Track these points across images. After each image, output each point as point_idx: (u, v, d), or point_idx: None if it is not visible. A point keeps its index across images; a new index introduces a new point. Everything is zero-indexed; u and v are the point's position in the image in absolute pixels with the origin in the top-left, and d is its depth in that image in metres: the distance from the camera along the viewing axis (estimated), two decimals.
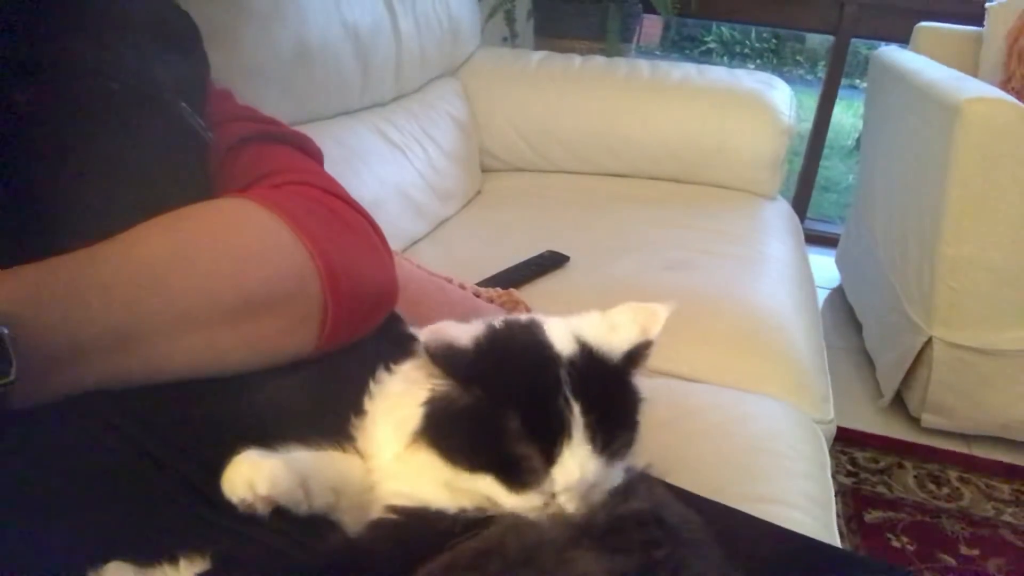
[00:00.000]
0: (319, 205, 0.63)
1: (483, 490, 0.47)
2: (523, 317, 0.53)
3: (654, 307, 0.51)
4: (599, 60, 2.04)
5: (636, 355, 0.50)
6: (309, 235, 0.58)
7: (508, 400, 0.46)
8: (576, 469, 0.46)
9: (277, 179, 0.64)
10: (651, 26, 2.58)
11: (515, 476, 0.46)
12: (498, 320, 0.51)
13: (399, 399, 0.52)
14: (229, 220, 0.57)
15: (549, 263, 1.39)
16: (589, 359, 0.49)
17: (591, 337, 0.50)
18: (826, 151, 2.83)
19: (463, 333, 0.49)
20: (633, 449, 0.50)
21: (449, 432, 0.47)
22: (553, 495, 0.46)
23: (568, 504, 0.46)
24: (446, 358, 0.47)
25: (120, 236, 0.51)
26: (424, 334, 0.47)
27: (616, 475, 0.49)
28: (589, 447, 0.46)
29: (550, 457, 0.46)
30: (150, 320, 0.50)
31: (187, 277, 0.53)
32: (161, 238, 0.53)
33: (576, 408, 0.46)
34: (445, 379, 0.47)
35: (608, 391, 0.48)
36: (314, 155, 0.73)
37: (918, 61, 2.01)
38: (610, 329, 0.51)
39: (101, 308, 0.47)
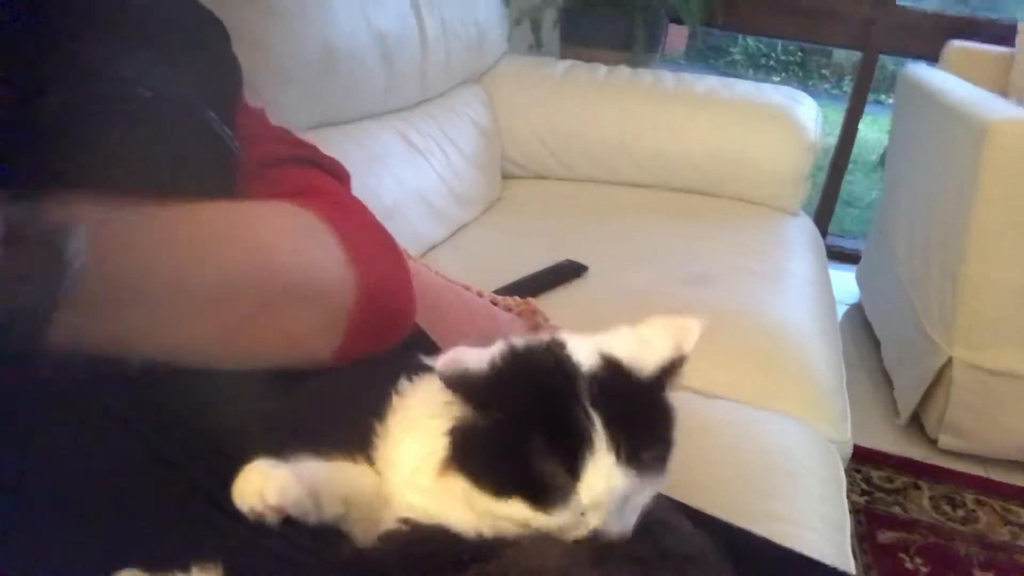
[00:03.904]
0: (356, 219, 0.64)
1: (515, 515, 0.46)
2: (545, 336, 0.52)
3: (686, 321, 0.50)
4: (624, 70, 2.04)
5: (670, 370, 0.49)
6: (352, 243, 0.60)
7: (527, 418, 0.46)
8: (601, 481, 0.45)
9: (312, 199, 0.64)
10: (676, 36, 2.58)
11: (542, 495, 0.46)
12: (518, 339, 0.51)
13: (421, 420, 0.51)
14: (281, 212, 0.60)
15: (568, 272, 1.39)
16: (613, 372, 0.48)
17: (619, 351, 0.49)
18: (850, 166, 2.81)
19: (478, 357, 0.48)
20: (667, 467, 0.49)
21: (475, 458, 0.47)
22: (583, 513, 0.46)
23: (599, 522, 0.46)
24: (462, 385, 0.47)
25: (178, 206, 0.51)
26: (439, 363, 0.47)
27: (650, 492, 0.48)
28: (613, 458, 0.45)
29: (574, 471, 0.45)
30: (194, 284, 0.51)
31: (236, 253, 0.54)
32: (214, 214, 0.54)
33: (597, 419, 0.46)
34: (464, 405, 0.47)
35: (634, 404, 0.48)
36: (344, 181, 0.74)
37: (947, 80, 1.99)
38: (643, 344, 0.50)
39: (153, 262, 0.48)
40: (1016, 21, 2.22)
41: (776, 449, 0.99)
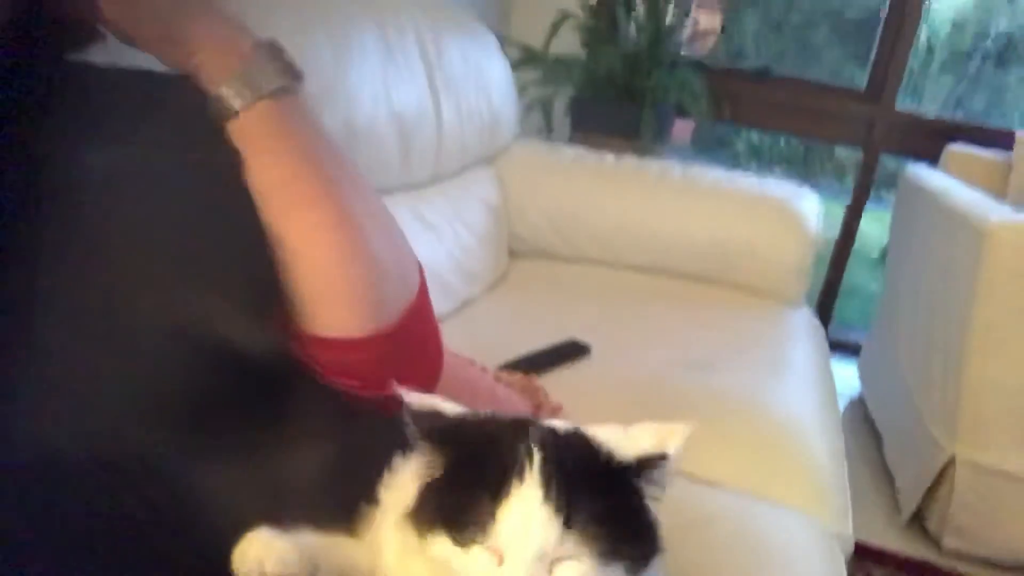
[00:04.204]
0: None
1: (439, 552, 0.46)
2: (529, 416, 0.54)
3: (674, 425, 0.50)
4: (631, 159, 2.09)
5: (646, 463, 0.48)
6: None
7: (473, 457, 0.47)
8: (520, 515, 0.44)
9: None
10: (683, 128, 2.65)
11: (463, 528, 0.45)
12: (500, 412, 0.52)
13: (405, 491, 0.51)
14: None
15: (571, 352, 1.39)
16: (579, 439, 0.49)
17: (600, 436, 0.49)
18: (851, 262, 2.85)
19: (454, 408, 0.50)
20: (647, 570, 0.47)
21: (428, 503, 0.48)
22: (501, 556, 0.44)
23: (514, 570, 0.44)
24: (426, 421, 0.48)
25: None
26: (412, 397, 0.48)
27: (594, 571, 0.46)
28: (541, 495, 0.44)
29: (496, 497, 0.44)
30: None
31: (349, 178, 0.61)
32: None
33: (537, 456, 0.45)
34: (423, 442, 0.48)
35: (593, 475, 0.47)
36: None
37: (947, 182, 2.03)
38: (626, 436, 0.50)
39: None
40: (1014, 130, 2.29)
41: (777, 541, 0.98)
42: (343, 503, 0.54)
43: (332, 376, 0.59)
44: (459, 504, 0.45)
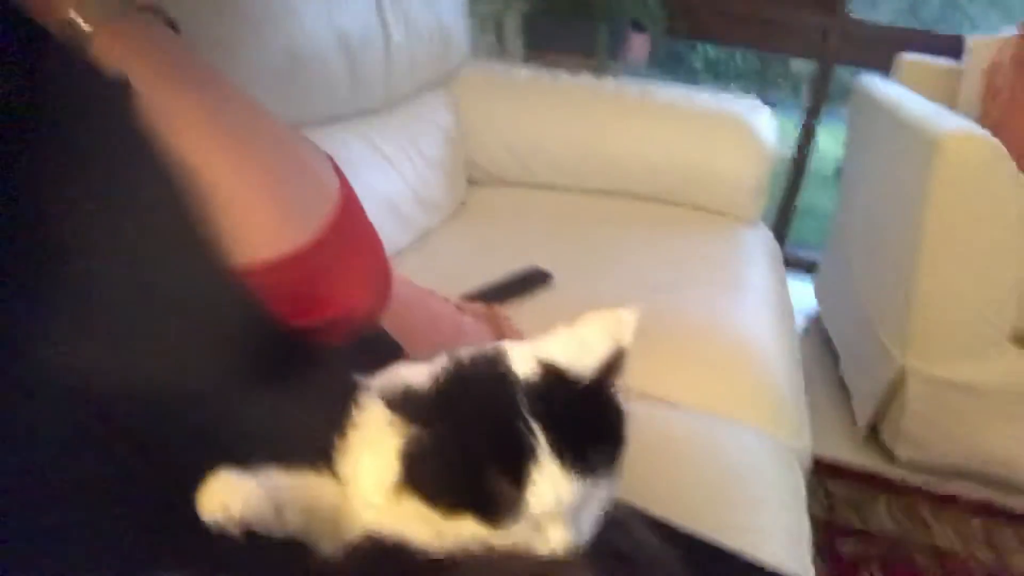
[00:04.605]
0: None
1: (468, 533, 0.46)
2: (488, 347, 0.52)
3: (622, 313, 0.51)
4: (588, 78, 2.05)
5: (610, 367, 0.49)
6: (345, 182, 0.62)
7: (470, 433, 0.46)
8: (550, 491, 0.45)
9: None
10: (639, 44, 2.60)
11: (492, 510, 0.46)
12: (464, 351, 0.51)
13: (375, 437, 0.51)
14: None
15: (533, 280, 1.39)
16: (551, 379, 0.48)
17: (559, 357, 0.49)
18: (808, 177, 2.87)
19: (419, 374, 0.48)
20: (620, 467, 0.49)
21: (424, 478, 0.47)
22: (538, 524, 0.46)
23: (561, 535, 0.46)
24: (403, 404, 0.47)
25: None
26: (378, 385, 0.47)
27: (604, 495, 0.48)
28: (558, 466, 0.45)
29: (520, 483, 0.45)
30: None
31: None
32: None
33: (538, 430, 0.46)
34: (409, 424, 0.47)
35: (577, 408, 0.48)
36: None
37: (899, 92, 2.04)
38: (580, 346, 0.50)
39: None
40: (964, 35, 2.29)
41: (736, 458, 1.00)
42: (309, 441, 0.53)
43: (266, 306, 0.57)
44: (482, 492, 0.45)
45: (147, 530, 0.47)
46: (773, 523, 0.89)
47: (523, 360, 0.49)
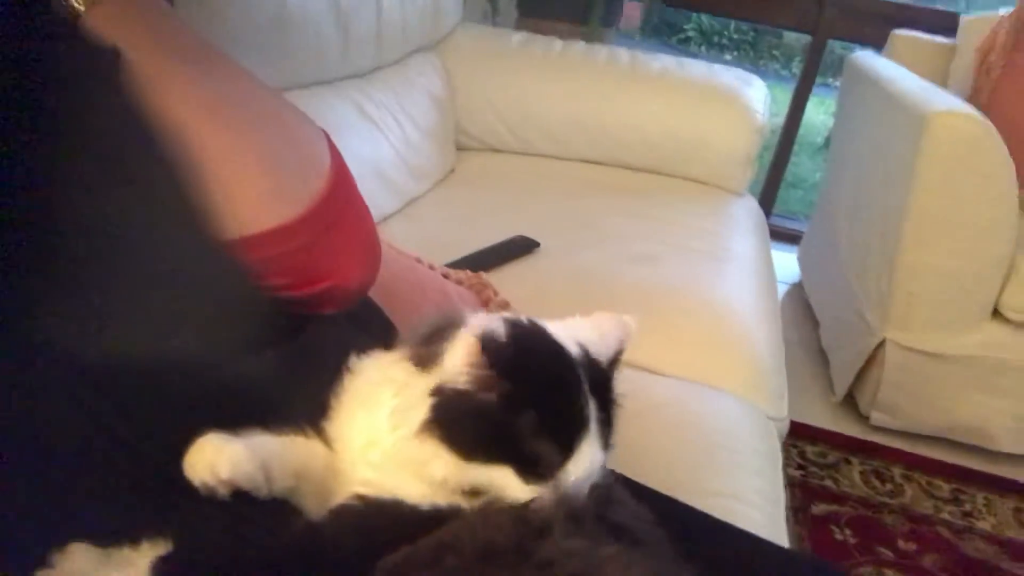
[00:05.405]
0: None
1: (496, 481, 0.49)
2: (524, 318, 0.55)
3: (627, 320, 0.56)
4: (580, 45, 2.04)
5: (616, 361, 0.55)
6: (336, 154, 0.62)
7: (534, 395, 0.49)
8: (586, 461, 0.50)
9: None
10: (632, 11, 2.58)
11: (532, 468, 0.49)
12: (509, 318, 0.53)
13: (371, 394, 0.52)
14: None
15: (519, 248, 1.40)
16: (591, 361, 0.53)
17: (587, 342, 0.54)
18: (796, 147, 2.87)
19: (498, 326, 0.50)
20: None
21: (466, 424, 0.48)
22: (559, 487, 0.49)
23: (574, 495, 0.49)
24: (493, 350, 0.48)
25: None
26: (479, 326, 0.48)
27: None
28: (599, 442, 0.51)
29: (567, 450, 0.49)
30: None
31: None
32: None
33: (593, 405, 0.50)
34: (479, 370, 0.48)
35: (604, 390, 0.53)
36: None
37: (891, 68, 2.04)
38: (600, 336, 0.55)
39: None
40: (958, 13, 2.28)
41: (716, 425, 1.03)
42: (298, 407, 0.54)
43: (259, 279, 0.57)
44: (528, 449, 0.48)
45: (128, 492, 0.48)
46: (750, 487, 0.91)
47: (564, 337, 0.53)
